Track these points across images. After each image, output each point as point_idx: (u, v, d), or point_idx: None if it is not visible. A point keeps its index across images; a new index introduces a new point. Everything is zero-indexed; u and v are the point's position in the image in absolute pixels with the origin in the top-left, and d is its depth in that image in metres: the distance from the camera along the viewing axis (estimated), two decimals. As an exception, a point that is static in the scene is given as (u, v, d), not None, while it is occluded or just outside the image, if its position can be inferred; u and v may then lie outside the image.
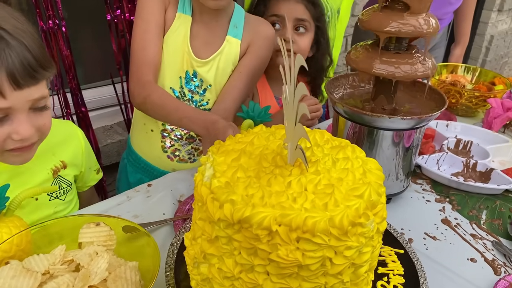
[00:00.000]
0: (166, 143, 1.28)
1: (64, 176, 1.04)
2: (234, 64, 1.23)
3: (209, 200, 0.56)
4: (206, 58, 1.20)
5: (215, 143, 0.68)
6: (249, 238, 0.53)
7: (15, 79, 0.75)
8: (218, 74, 1.22)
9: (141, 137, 1.33)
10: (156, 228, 0.93)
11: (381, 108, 1.01)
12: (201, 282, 0.63)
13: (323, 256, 0.53)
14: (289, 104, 0.57)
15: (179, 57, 1.19)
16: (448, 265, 0.89)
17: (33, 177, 0.96)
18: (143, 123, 1.30)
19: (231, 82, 1.23)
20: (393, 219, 0.96)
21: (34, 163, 0.93)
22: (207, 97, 1.24)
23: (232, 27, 1.21)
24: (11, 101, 0.76)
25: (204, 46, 1.20)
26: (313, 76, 1.46)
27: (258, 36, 1.24)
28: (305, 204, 0.54)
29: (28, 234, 0.74)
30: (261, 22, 1.26)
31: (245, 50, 1.24)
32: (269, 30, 1.25)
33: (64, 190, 1.04)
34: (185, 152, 1.30)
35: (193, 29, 1.18)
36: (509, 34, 4.01)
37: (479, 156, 1.26)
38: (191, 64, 1.19)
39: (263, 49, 1.25)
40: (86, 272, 0.68)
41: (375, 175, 0.61)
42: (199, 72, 1.20)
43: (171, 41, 1.17)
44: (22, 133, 0.80)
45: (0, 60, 0.73)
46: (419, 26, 0.88)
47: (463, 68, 1.72)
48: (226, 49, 1.21)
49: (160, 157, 1.30)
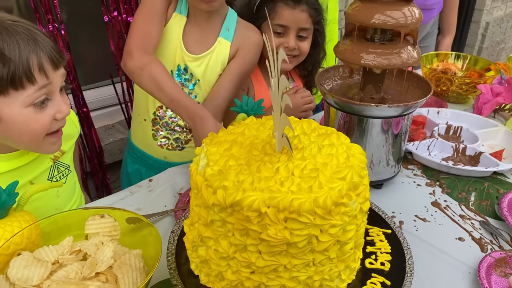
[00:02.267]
0: (156, 132, 1.37)
1: (62, 161, 1.09)
2: (223, 63, 1.30)
3: (203, 187, 0.61)
4: (198, 54, 1.27)
5: (208, 135, 0.72)
6: (241, 220, 0.58)
7: (53, 61, 0.87)
8: (208, 71, 1.28)
9: (137, 127, 1.42)
10: (158, 219, 0.98)
11: (369, 97, 1.05)
12: (200, 264, 0.67)
13: (309, 234, 0.58)
14: (275, 95, 0.61)
15: (171, 51, 1.25)
16: (437, 245, 0.94)
17: (37, 167, 1.02)
18: (138, 113, 1.38)
19: (221, 83, 1.30)
20: (384, 203, 1.01)
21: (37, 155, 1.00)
22: (195, 91, 1.31)
23: (224, 30, 1.28)
24: (52, 80, 0.87)
25: (196, 43, 1.27)
26: (308, 70, 1.52)
27: (248, 42, 1.30)
28: (291, 187, 0.58)
29: (37, 227, 0.79)
30: (251, 29, 1.33)
31: (234, 52, 1.30)
32: (257, 36, 1.32)
33: (63, 173, 1.09)
34: (173, 140, 1.38)
35: (187, 28, 1.25)
36: (505, 21, 4.03)
37: (469, 141, 1.30)
38: (183, 58, 1.26)
39: (251, 54, 1.32)
40: (93, 260, 0.73)
41: (358, 159, 0.65)
42: (189, 67, 1.27)
43: (165, 37, 1.24)
44: (64, 110, 0.91)
45: (40, 47, 0.84)
46: (402, 17, 0.92)
47: (454, 56, 1.76)
48: (217, 49, 1.28)
49: (151, 145, 1.39)
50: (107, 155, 1.84)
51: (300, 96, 1.37)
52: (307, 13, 1.35)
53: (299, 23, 1.35)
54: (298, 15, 1.34)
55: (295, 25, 1.34)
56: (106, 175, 1.87)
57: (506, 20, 4.04)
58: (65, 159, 1.09)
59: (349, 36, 1.01)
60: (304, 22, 1.35)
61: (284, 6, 1.33)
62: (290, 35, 1.35)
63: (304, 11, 1.34)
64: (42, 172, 1.02)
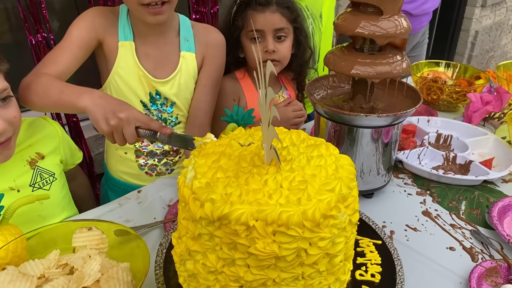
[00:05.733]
0: (141, 162, 1.31)
1: (45, 167, 1.07)
2: (194, 77, 1.26)
3: (191, 200, 0.60)
4: (165, 78, 1.20)
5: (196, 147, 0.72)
6: (229, 233, 0.57)
7: None
8: (181, 90, 1.24)
9: (116, 162, 1.34)
10: (147, 231, 0.97)
11: (359, 107, 1.05)
12: (188, 278, 0.66)
13: (298, 247, 0.57)
14: (262, 107, 0.61)
15: (136, 82, 1.19)
16: (428, 254, 0.93)
17: (10, 170, 1.01)
18: (115, 148, 1.31)
19: (198, 98, 1.26)
20: (375, 213, 1.01)
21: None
22: (175, 112, 1.27)
23: (183, 41, 1.22)
24: None
25: (158, 65, 1.20)
26: (297, 71, 1.51)
27: (211, 46, 1.26)
28: (280, 200, 0.58)
29: (23, 240, 0.77)
30: (210, 31, 1.29)
31: (201, 62, 1.26)
32: (218, 37, 1.28)
33: (46, 180, 1.07)
34: (162, 166, 1.33)
35: (140, 51, 1.18)
36: (494, 29, 4.08)
37: (459, 149, 1.31)
38: (151, 85, 1.20)
39: (218, 58, 1.29)
40: (79, 274, 0.72)
41: (347, 170, 0.65)
42: (161, 91, 1.21)
43: (122, 71, 1.17)
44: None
45: None
46: (390, 28, 0.92)
47: (444, 64, 1.77)
48: (183, 66, 1.22)
49: (139, 174, 1.33)
50: (97, 165, 1.82)
51: (292, 109, 1.37)
52: (278, 13, 1.34)
53: (273, 24, 1.34)
54: (269, 17, 1.33)
55: (269, 28, 1.33)
56: (96, 185, 1.85)
57: (495, 28, 4.09)
58: (47, 165, 1.08)
59: (339, 46, 1.01)
60: (278, 23, 1.34)
61: (253, 12, 1.33)
62: (268, 38, 1.34)
63: (275, 11, 1.33)
64: (19, 175, 1.01)
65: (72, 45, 1.10)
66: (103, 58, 1.20)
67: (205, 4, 1.88)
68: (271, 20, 1.33)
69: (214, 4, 1.91)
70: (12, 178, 1.00)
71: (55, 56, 1.09)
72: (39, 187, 1.05)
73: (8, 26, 1.74)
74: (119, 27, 1.16)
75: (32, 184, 1.04)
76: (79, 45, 1.11)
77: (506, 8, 4.10)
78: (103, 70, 1.22)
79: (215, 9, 1.92)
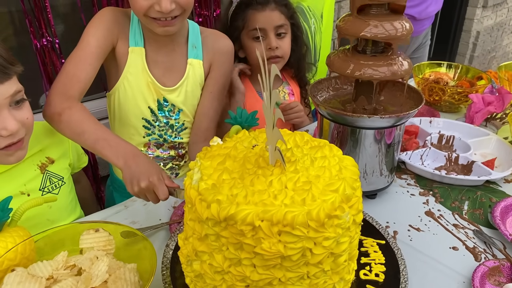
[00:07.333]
0: None
1: (54, 171, 1.09)
2: (201, 84, 1.26)
3: (197, 201, 0.61)
4: (173, 86, 1.21)
5: (202, 149, 0.73)
6: (235, 234, 0.58)
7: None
8: (188, 97, 1.24)
9: None
10: (153, 232, 0.98)
11: (362, 108, 1.06)
12: (194, 278, 0.68)
13: (303, 247, 0.58)
14: (267, 109, 0.62)
15: (145, 88, 1.19)
16: (431, 254, 0.94)
17: (21, 175, 1.02)
18: None
19: (204, 103, 1.26)
20: (378, 213, 1.02)
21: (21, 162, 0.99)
22: (181, 119, 1.27)
23: (191, 48, 1.22)
24: None
25: (167, 72, 1.20)
26: (296, 66, 1.53)
27: (219, 53, 1.26)
28: (285, 200, 0.59)
29: (31, 242, 0.79)
30: (218, 37, 1.28)
31: (208, 69, 1.25)
32: (227, 43, 1.28)
33: (55, 185, 1.09)
34: (167, 170, 1.34)
35: (150, 58, 1.18)
36: (495, 30, 4.09)
37: (461, 150, 1.32)
38: (159, 92, 1.20)
39: (226, 64, 1.29)
40: (87, 275, 0.73)
41: (350, 171, 0.66)
42: (168, 98, 1.22)
43: (132, 77, 1.17)
44: (9, 128, 0.88)
45: None
46: (392, 30, 0.93)
47: (446, 65, 1.78)
48: (190, 73, 1.22)
49: None
50: (101, 168, 1.84)
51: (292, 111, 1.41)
52: (277, 10, 1.37)
53: (273, 22, 1.37)
54: (270, 15, 1.36)
55: (270, 25, 1.36)
56: (101, 187, 1.87)
57: (496, 29, 4.09)
58: (56, 169, 1.09)
59: (341, 48, 1.02)
60: (278, 20, 1.37)
61: (254, 11, 1.35)
62: (270, 36, 1.37)
63: (274, 9, 1.36)
64: (29, 180, 1.03)
65: (92, 56, 1.09)
66: (112, 62, 1.19)
67: (208, 7, 1.90)
68: (272, 18, 1.36)
69: (217, 7, 1.93)
70: (23, 182, 1.02)
71: (77, 72, 1.07)
72: (49, 191, 1.07)
73: (12, 29, 1.76)
74: (130, 32, 1.15)
75: (42, 189, 1.05)
76: (97, 56, 1.10)
77: (508, 8, 4.10)
78: (112, 74, 1.22)
79: (218, 12, 1.94)
